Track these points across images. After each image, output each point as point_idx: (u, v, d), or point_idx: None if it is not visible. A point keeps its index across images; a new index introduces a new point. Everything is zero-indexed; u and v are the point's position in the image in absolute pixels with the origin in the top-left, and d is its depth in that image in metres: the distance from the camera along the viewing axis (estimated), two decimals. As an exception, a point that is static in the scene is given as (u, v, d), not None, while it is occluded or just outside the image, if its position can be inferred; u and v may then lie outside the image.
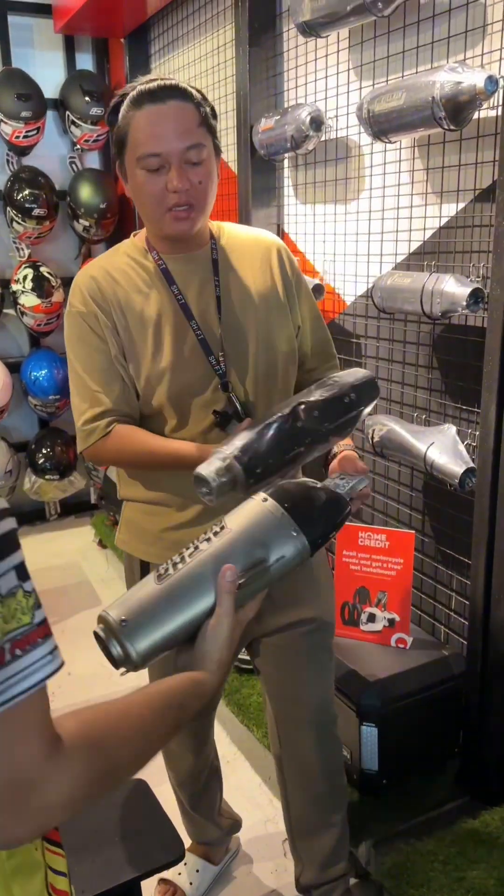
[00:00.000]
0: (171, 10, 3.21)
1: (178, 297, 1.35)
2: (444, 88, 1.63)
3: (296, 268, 1.48)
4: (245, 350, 1.37)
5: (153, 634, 0.82)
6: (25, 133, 3.56)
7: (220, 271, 1.38)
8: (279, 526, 0.88)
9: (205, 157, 1.28)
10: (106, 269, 1.38)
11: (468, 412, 1.91)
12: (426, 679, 1.88)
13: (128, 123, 1.27)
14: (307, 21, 2.07)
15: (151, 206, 1.29)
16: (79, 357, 1.37)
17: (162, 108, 1.25)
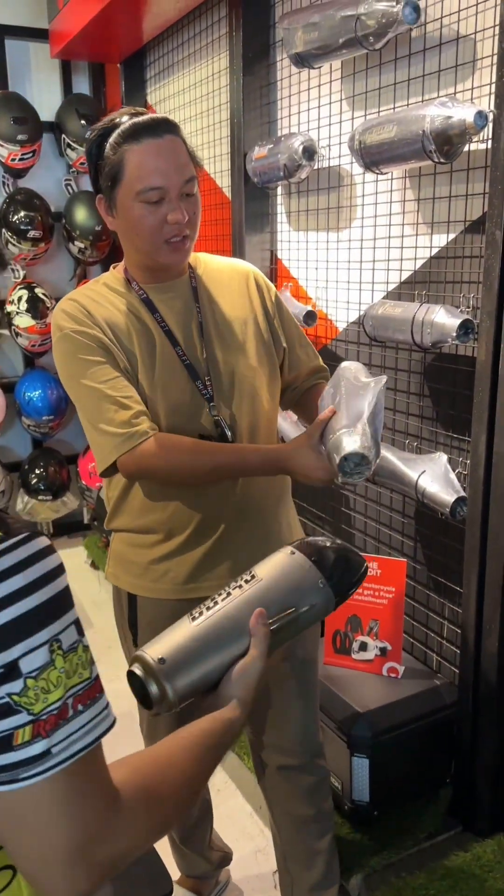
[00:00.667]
0: (167, 37, 3.24)
1: (162, 324, 1.38)
2: (434, 122, 1.64)
3: (273, 292, 1.52)
4: (229, 374, 1.40)
5: (191, 674, 0.85)
6: (21, 156, 3.58)
7: (199, 299, 1.42)
8: (308, 577, 0.93)
9: (196, 189, 1.34)
10: (88, 295, 1.40)
11: (459, 440, 1.92)
12: (418, 709, 1.87)
13: (122, 158, 1.28)
14: (300, 52, 2.09)
15: (149, 238, 1.31)
16: (84, 374, 1.31)
17: (161, 142, 1.28)
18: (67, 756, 0.59)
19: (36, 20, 3.70)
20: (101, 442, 1.31)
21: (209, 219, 2.97)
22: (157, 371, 1.36)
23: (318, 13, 1.98)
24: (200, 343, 1.39)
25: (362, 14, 1.81)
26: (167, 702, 0.83)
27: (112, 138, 1.29)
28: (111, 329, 1.35)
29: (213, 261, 1.51)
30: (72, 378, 1.33)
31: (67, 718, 0.59)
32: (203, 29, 2.91)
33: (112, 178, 1.31)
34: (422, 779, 1.93)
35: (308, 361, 1.56)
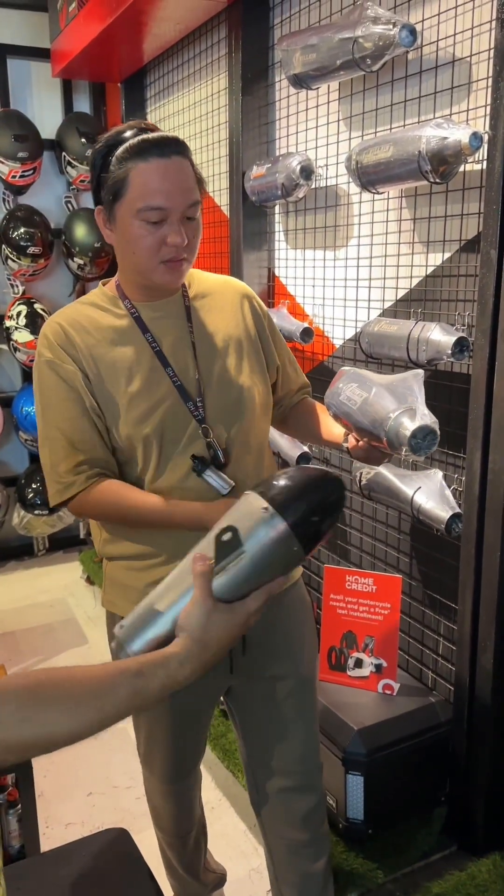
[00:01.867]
0: (167, 58, 3.29)
1: (153, 344, 1.35)
2: (430, 143, 1.67)
3: (265, 310, 1.52)
4: (223, 394, 1.38)
5: (145, 634, 0.88)
6: (22, 173, 3.62)
7: (192, 317, 1.40)
8: (250, 506, 0.88)
9: (198, 214, 1.31)
10: (74, 318, 1.36)
11: (454, 457, 1.92)
12: (413, 727, 1.86)
13: (126, 174, 1.25)
14: (298, 73, 2.12)
15: (145, 256, 1.28)
16: (50, 406, 1.34)
17: (168, 163, 1.25)
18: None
19: (37, 40, 3.75)
20: (48, 481, 1.37)
21: (208, 237, 2.99)
22: (146, 394, 1.33)
23: (317, 35, 2.01)
24: (193, 364, 1.36)
25: (360, 37, 1.84)
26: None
27: (119, 151, 1.26)
28: (93, 358, 1.33)
29: (206, 279, 1.49)
30: (38, 406, 1.38)
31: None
32: (203, 50, 2.95)
33: (114, 193, 1.27)
34: (417, 797, 1.92)
35: (297, 378, 1.58)
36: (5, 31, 3.73)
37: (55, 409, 1.34)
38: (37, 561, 4.10)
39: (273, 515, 0.86)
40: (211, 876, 1.85)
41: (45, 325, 1.38)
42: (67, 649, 3.13)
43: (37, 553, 4.09)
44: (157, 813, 1.69)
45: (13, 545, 4.05)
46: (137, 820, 2.16)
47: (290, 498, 0.88)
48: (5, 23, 3.74)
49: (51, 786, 2.34)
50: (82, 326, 1.35)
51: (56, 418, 1.33)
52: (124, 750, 2.52)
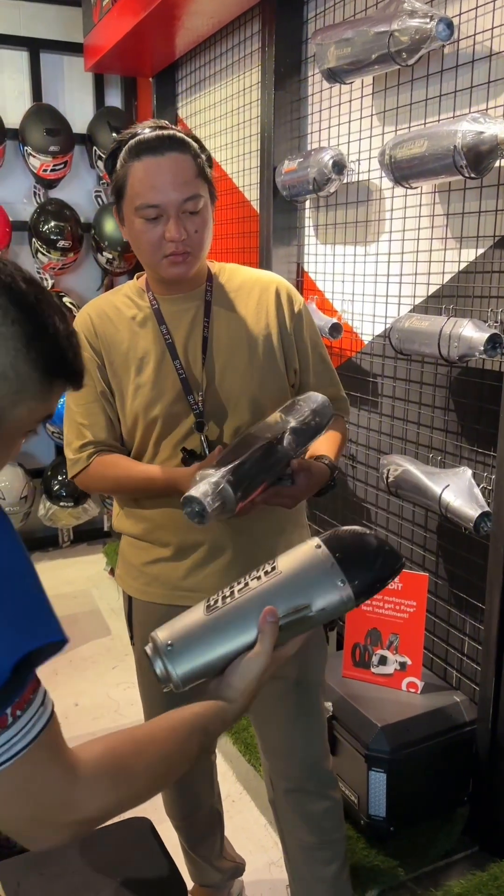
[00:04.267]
0: (199, 52, 3.29)
1: (166, 336, 1.39)
2: (465, 138, 1.65)
3: (297, 309, 1.47)
4: (226, 391, 1.39)
5: (194, 661, 0.89)
6: (53, 167, 3.64)
7: (211, 312, 1.41)
8: (327, 574, 0.91)
9: (201, 206, 1.31)
10: (102, 308, 1.44)
11: (484, 455, 1.91)
12: (437, 725, 1.85)
13: (126, 173, 1.30)
14: (332, 68, 2.11)
15: (149, 252, 1.33)
16: (70, 392, 1.43)
17: (160, 160, 1.27)
18: (9, 757, 0.70)
19: (70, 34, 3.77)
20: (66, 457, 1.49)
21: (237, 231, 2.99)
22: (152, 383, 1.39)
23: (352, 29, 2.00)
24: (201, 358, 1.39)
25: (396, 30, 1.83)
26: (172, 682, 0.88)
27: (122, 152, 1.31)
28: (109, 347, 1.41)
29: (237, 273, 1.48)
30: None
31: (7, 727, 0.70)
32: (236, 44, 2.95)
33: (118, 192, 1.34)
34: (439, 796, 1.91)
35: (318, 389, 1.48)
36: (39, 26, 3.76)
37: (71, 395, 1.44)
38: (61, 552, 4.14)
39: (347, 589, 0.91)
40: (228, 864, 1.86)
41: (78, 314, 1.47)
42: (91, 640, 3.15)
43: (61, 544, 4.12)
44: (167, 794, 1.74)
45: (38, 536, 4.08)
46: (158, 810, 2.16)
47: (363, 571, 0.92)
48: (39, 17, 3.76)
49: (73, 775, 2.36)
50: (107, 316, 1.42)
51: (72, 401, 1.45)
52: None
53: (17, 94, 3.79)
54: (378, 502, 2.36)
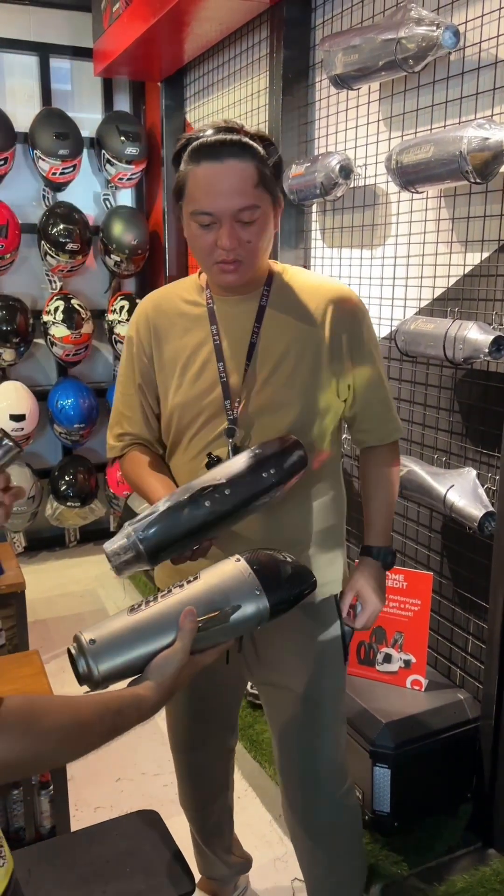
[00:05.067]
0: (207, 58, 3.33)
1: (215, 338, 1.37)
2: (471, 143, 1.68)
3: (358, 324, 1.40)
4: (265, 402, 1.35)
5: (115, 659, 0.94)
6: (62, 170, 3.68)
7: (264, 318, 1.36)
8: (245, 583, 0.99)
9: (257, 216, 1.26)
10: (160, 301, 1.45)
11: (488, 456, 1.93)
12: (440, 722, 1.88)
13: (185, 176, 1.27)
14: (339, 74, 2.14)
15: (201, 256, 1.31)
16: (119, 378, 1.50)
17: (218, 167, 1.23)
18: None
19: (80, 39, 3.82)
20: (108, 438, 1.53)
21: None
22: (194, 383, 1.37)
23: (359, 36, 2.03)
24: (245, 364, 1.36)
25: (403, 38, 1.86)
26: (92, 679, 0.93)
27: (185, 153, 1.27)
28: (160, 342, 1.41)
29: (302, 281, 1.41)
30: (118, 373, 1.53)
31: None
32: (244, 50, 2.98)
33: (177, 194, 1.31)
34: (443, 793, 1.94)
35: (368, 412, 1.45)
36: (49, 31, 3.80)
37: (120, 381, 1.50)
38: (68, 552, 4.17)
39: (263, 599, 0.99)
40: (235, 860, 1.88)
41: (139, 303, 1.49)
42: (97, 639, 3.18)
43: (68, 544, 4.15)
44: (184, 790, 1.76)
45: (45, 536, 4.12)
46: (165, 806, 2.18)
47: (279, 585, 1.01)
48: (48, 22, 3.81)
49: (80, 771, 2.39)
50: (163, 310, 1.43)
51: (118, 389, 1.50)
52: (152, 739, 2.56)
53: (26, 98, 3.83)
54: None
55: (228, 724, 1.69)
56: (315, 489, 1.42)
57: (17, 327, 3.70)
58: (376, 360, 1.44)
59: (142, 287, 4.27)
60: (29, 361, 4.02)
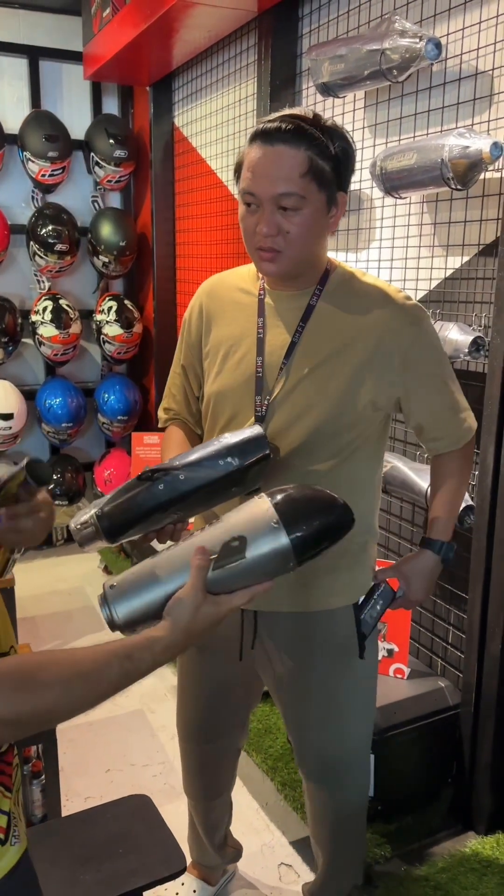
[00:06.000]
0: (195, 63, 3.38)
1: (259, 331, 1.36)
2: (452, 151, 1.75)
3: (414, 332, 1.34)
4: (294, 404, 1.32)
5: (133, 602, 0.94)
6: (51, 172, 3.73)
7: (311, 318, 1.33)
8: (263, 517, 0.94)
9: (303, 206, 1.23)
10: (216, 286, 1.48)
11: (468, 453, 2.00)
12: (422, 709, 1.94)
13: (242, 156, 1.29)
14: (326, 82, 2.21)
15: (245, 239, 1.31)
16: (176, 353, 1.56)
17: (268, 149, 1.22)
18: None
19: (69, 43, 3.86)
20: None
21: (234, 237, 3.09)
22: (232, 372, 1.38)
23: (345, 46, 2.09)
24: (282, 362, 1.33)
25: (387, 49, 1.93)
26: (115, 624, 0.94)
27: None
28: (210, 327, 1.45)
29: (357, 282, 1.37)
30: None
31: None
32: (232, 56, 3.04)
33: (237, 174, 1.31)
34: (425, 777, 2.00)
35: (434, 423, 1.41)
36: (39, 34, 3.85)
37: (175, 357, 1.56)
38: (55, 551, 4.20)
39: (281, 532, 0.93)
40: (228, 851, 1.93)
41: (203, 283, 1.52)
42: (85, 634, 3.22)
43: (55, 543, 4.19)
44: (182, 770, 1.79)
45: (33, 534, 4.15)
46: (154, 796, 2.21)
47: (300, 518, 0.94)
48: (39, 26, 3.85)
49: (70, 763, 2.43)
50: (218, 295, 1.47)
51: (173, 365, 1.57)
52: (141, 731, 2.61)
53: (16, 100, 3.88)
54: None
55: (240, 723, 1.70)
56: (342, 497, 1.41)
57: (5, 327, 3.73)
58: (438, 365, 1.39)
59: (129, 288, 4.32)
60: (17, 361, 4.06)
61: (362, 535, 1.43)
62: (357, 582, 1.47)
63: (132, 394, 4.06)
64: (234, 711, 1.66)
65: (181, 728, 1.72)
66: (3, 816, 0.87)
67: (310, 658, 1.47)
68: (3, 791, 0.88)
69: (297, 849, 2.06)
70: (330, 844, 1.65)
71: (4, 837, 0.87)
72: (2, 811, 0.87)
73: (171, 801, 1.88)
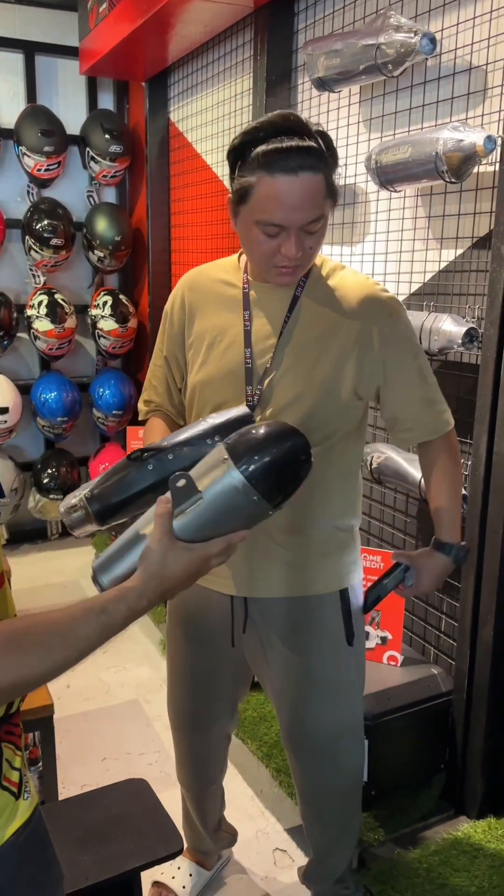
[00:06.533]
0: (191, 59, 3.40)
1: (246, 322, 1.39)
2: (446, 145, 1.78)
3: (392, 323, 1.39)
4: (284, 392, 1.36)
5: (115, 569, 0.98)
6: (47, 167, 3.74)
7: (295, 308, 1.38)
8: (214, 457, 0.96)
9: (321, 226, 1.29)
10: (198, 278, 1.51)
11: (462, 443, 2.02)
12: (415, 695, 1.97)
13: (255, 184, 1.24)
14: (322, 77, 2.23)
15: (260, 259, 1.32)
16: (156, 345, 1.58)
17: (294, 181, 1.22)
18: None
19: (65, 38, 3.87)
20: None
21: (228, 231, 3.11)
22: (218, 362, 1.40)
23: (341, 41, 2.12)
24: (271, 353, 1.37)
25: (382, 43, 1.95)
26: (97, 582, 0.98)
27: (253, 154, 1.24)
28: (193, 318, 1.47)
29: (337, 275, 1.43)
30: None
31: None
32: (228, 52, 3.06)
33: (240, 196, 1.28)
34: (418, 763, 2.03)
35: (410, 412, 1.44)
36: (35, 29, 3.86)
37: (155, 350, 1.58)
38: (50, 544, 4.22)
39: (230, 466, 0.92)
40: (223, 835, 1.95)
41: (182, 277, 1.55)
42: (81, 627, 3.23)
43: (50, 537, 4.20)
44: (175, 758, 1.82)
45: (28, 528, 4.17)
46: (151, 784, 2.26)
47: (249, 450, 0.94)
48: (35, 21, 3.86)
49: (66, 751, 2.45)
50: (200, 287, 1.49)
51: (153, 358, 1.59)
52: (137, 720, 2.64)
53: (12, 95, 3.88)
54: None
55: (230, 710, 1.72)
56: (325, 485, 1.40)
57: (1, 321, 3.74)
58: (414, 358, 1.42)
59: (124, 283, 4.33)
60: (12, 355, 4.06)
61: (352, 518, 1.50)
62: (346, 566, 1.50)
63: (127, 388, 4.08)
64: (223, 699, 1.68)
65: (173, 718, 1.75)
66: (15, 773, 0.90)
67: (302, 641, 1.50)
68: (14, 749, 0.91)
69: (292, 834, 2.09)
70: (323, 827, 1.68)
71: (18, 792, 0.90)
72: (14, 768, 0.90)
73: (167, 789, 1.90)
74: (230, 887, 1.96)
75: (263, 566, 1.46)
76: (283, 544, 1.44)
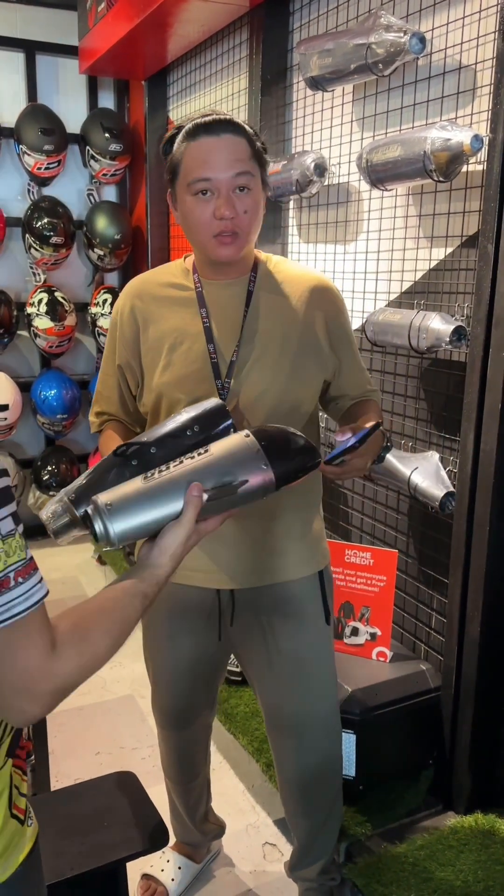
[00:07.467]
0: (190, 58, 3.42)
1: (205, 320, 1.42)
2: (434, 144, 1.79)
3: (336, 311, 1.50)
4: (254, 382, 1.41)
5: (129, 522, 0.99)
6: (47, 165, 3.76)
7: (252, 302, 1.43)
8: (253, 459, 1.03)
9: (253, 185, 1.34)
10: (145, 285, 1.51)
11: (450, 440, 2.04)
12: (404, 691, 1.98)
13: (182, 153, 1.34)
14: (315, 76, 2.24)
15: (198, 231, 1.36)
16: (104, 355, 1.57)
17: (216, 139, 1.31)
18: (8, 616, 0.76)
19: (65, 37, 3.89)
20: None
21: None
22: (182, 362, 1.42)
23: (333, 41, 2.13)
24: (235, 346, 1.41)
25: (373, 43, 1.96)
26: (109, 540, 0.98)
27: (179, 136, 1.35)
28: (146, 323, 1.46)
29: (285, 268, 1.49)
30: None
31: (10, 588, 0.76)
32: (225, 51, 3.07)
33: (172, 172, 1.37)
34: (406, 758, 2.04)
35: (356, 383, 1.54)
36: (35, 29, 3.88)
37: (104, 359, 1.57)
38: (49, 541, 4.15)
39: (269, 472, 1.03)
40: (212, 827, 1.97)
41: (127, 284, 1.55)
42: (78, 622, 3.25)
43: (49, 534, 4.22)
44: (161, 755, 1.85)
45: (27, 525, 4.09)
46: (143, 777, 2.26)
47: (284, 458, 1.05)
48: (35, 20, 3.88)
49: (60, 745, 2.47)
50: (149, 294, 1.49)
51: (101, 369, 1.58)
52: (130, 715, 2.66)
53: (12, 94, 3.91)
54: (354, 487, 2.50)
55: (211, 701, 1.76)
56: None
57: (1, 319, 3.76)
58: (352, 336, 1.54)
59: (124, 281, 4.35)
60: (13, 353, 4.09)
61: (317, 495, 1.60)
62: (322, 549, 1.59)
63: (126, 386, 4.09)
64: (204, 692, 1.72)
65: (158, 717, 1.77)
66: (22, 799, 0.91)
67: (287, 625, 1.54)
68: (21, 774, 0.92)
69: (282, 828, 2.11)
70: (305, 813, 1.70)
71: (24, 818, 0.91)
72: (22, 794, 0.91)
73: (159, 783, 1.92)
74: (219, 880, 1.98)
75: (248, 557, 1.50)
76: (261, 531, 1.49)
